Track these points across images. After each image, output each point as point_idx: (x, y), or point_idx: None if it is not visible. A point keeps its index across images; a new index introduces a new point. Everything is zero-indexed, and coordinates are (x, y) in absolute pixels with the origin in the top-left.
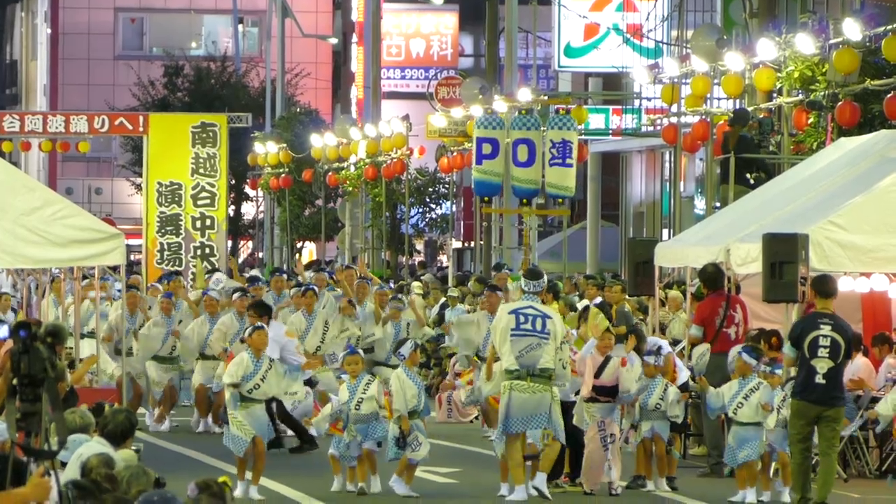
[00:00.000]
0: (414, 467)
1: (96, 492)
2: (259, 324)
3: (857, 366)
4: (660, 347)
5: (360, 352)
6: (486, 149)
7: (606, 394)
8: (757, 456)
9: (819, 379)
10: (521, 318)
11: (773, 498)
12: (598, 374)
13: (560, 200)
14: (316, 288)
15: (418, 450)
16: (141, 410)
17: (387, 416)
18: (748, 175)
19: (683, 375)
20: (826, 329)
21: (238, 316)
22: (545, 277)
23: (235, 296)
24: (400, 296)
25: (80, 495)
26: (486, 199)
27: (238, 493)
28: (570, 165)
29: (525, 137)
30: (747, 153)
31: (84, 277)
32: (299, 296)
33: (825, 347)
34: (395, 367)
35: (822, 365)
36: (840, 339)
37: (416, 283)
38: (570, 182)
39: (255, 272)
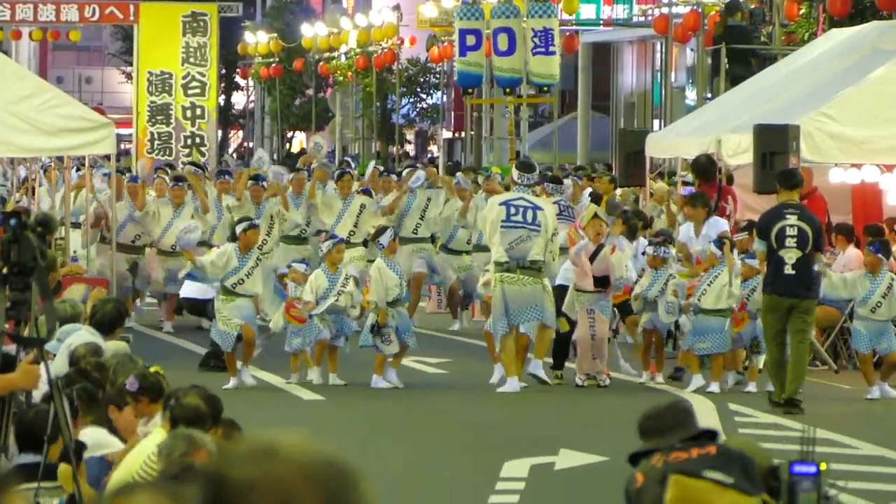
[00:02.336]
0: (401, 355)
1: (91, 387)
2: (255, 221)
3: (849, 257)
4: (665, 239)
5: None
6: (470, 40)
7: (596, 283)
8: (720, 350)
9: (788, 270)
10: (512, 210)
11: (722, 388)
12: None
13: (545, 89)
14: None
15: (388, 345)
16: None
17: (355, 308)
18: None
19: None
20: (792, 219)
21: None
22: (538, 170)
23: (250, 183)
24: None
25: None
26: (469, 90)
27: (229, 386)
28: (553, 53)
29: (505, 26)
30: (741, 43)
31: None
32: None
33: (792, 237)
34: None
35: (790, 255)
36: (807, 227)
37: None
38: (553, 70)
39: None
